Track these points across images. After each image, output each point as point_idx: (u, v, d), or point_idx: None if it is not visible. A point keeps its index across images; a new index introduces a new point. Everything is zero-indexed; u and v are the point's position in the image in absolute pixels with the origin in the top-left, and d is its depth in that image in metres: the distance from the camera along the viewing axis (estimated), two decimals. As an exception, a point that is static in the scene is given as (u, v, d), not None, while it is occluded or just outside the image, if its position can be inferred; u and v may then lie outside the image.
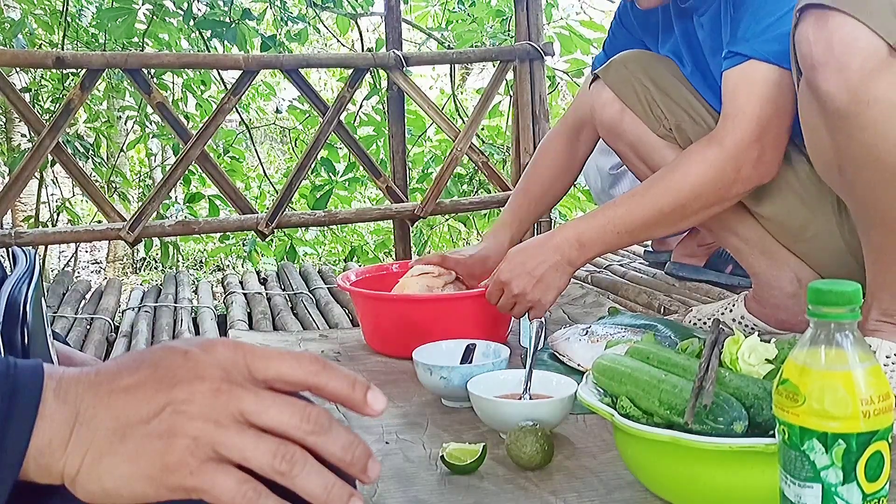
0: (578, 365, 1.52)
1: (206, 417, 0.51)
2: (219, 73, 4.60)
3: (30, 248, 0.73)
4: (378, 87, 4.39)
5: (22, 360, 0.52)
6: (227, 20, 4.19)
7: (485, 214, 4.76)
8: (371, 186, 5.05)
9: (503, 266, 1.55)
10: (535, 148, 3.14)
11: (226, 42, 4.17)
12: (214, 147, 4.60)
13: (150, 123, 4.85)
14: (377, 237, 5.34)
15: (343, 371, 0.54)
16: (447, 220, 4.95)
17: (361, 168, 3.34)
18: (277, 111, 5.58)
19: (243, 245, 5.00)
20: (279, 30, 4.62)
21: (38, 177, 4.52)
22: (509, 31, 4.43)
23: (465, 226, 5.09)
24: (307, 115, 5.03)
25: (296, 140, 5.28)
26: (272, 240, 4.54)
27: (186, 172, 3.75)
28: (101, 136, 4.90)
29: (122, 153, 5.27)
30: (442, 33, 4.87)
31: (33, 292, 0.66)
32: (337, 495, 0.51)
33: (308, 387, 0.54)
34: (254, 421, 0.51)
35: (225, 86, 4.60)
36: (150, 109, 4.58)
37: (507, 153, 4.78)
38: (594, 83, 1.71)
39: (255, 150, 5.18)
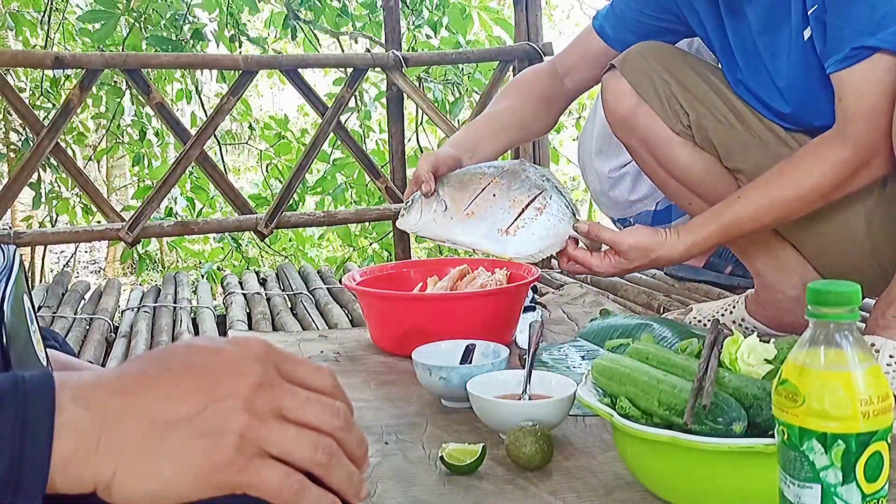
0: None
1: (251, 413, 0.52)
2: (198, 94, 4.58)
3: (10, 245, 0.70)
4: (362, 106, 4.39)
5: (31, 373, 0.51)
6: (176, 38, 4.18)
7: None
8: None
9: (633, 266, 1.48)
10: (532, 147, 3.14)
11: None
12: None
13: (122, 135, 4.83)
14: (330, 266, 5.22)
15: (348, 400, 0.58)
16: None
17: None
18: (251, 128, 5.49)
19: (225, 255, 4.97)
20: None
21: (38, 177, 4.51)
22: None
23: None
24: (281, 138, 4.93)
25: (267, 165, 5.13)
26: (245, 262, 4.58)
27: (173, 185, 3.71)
28: (71, 145, 4.84)
29: (90, 161, 5.18)
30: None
31: (12, 290, 0.64)
32: (358, 482, 0.55)
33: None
34: (291, 416, 0.53)
35: (202, 103, 4.60)
36: (124, 118, 4.58)
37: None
38: (609, 72, 1.62)
39: (224, 167, 5.09)
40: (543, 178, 1.51)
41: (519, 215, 1.45)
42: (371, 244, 4.73)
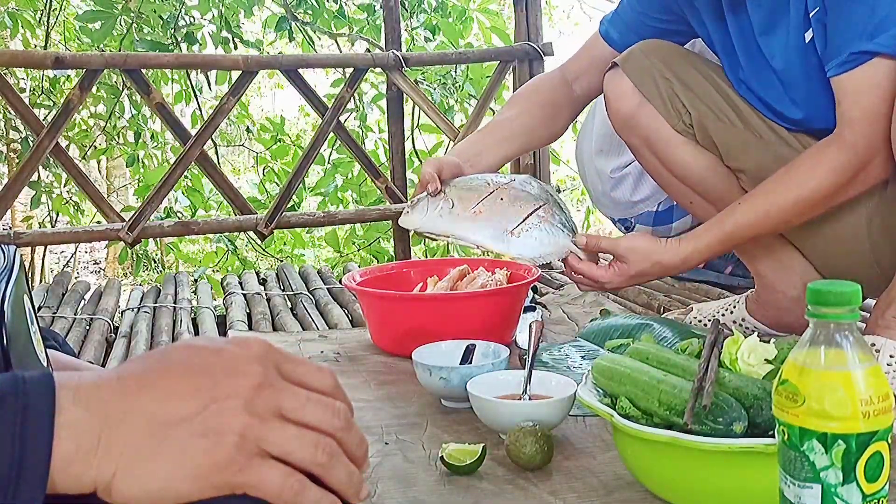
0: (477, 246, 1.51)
1: (251, 413, 0.52)
2: (196, 96, 4.59)
3: (10, 245, 0.70)
4: (360, 107, 4.39)
5: (31, 374, 0.51)
6: (168, 42, 4.17)
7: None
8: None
9: (635, 271, 1.49)
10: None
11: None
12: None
13: (119, 136, 4.82)
14: (329, 266, 5.22)
15: (348, 400, 0.58)
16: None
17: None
18: (248, 130, 5.49)
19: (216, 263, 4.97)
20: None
21: (38, 177, 4.51)
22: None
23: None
24: (277, 141, 4.92)
25: (264, 167, 5.11)
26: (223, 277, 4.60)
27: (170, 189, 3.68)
28: (75, 142, 4.83)
29: (84, 160, 5.16)
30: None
31: (12, 290, 0.64)
32: (358, 482, 0.55)
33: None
34: (291, 416, 0.53)
35: (198, 104, 4.60)
36: (122, 119, 4.58)
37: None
38: (611, 71, 1.62)
39: (219, 168, 5.08)
40: (547, 193, 1.56)
41: (524, 220, 1.51)
42: (358, 249, 4.73)
